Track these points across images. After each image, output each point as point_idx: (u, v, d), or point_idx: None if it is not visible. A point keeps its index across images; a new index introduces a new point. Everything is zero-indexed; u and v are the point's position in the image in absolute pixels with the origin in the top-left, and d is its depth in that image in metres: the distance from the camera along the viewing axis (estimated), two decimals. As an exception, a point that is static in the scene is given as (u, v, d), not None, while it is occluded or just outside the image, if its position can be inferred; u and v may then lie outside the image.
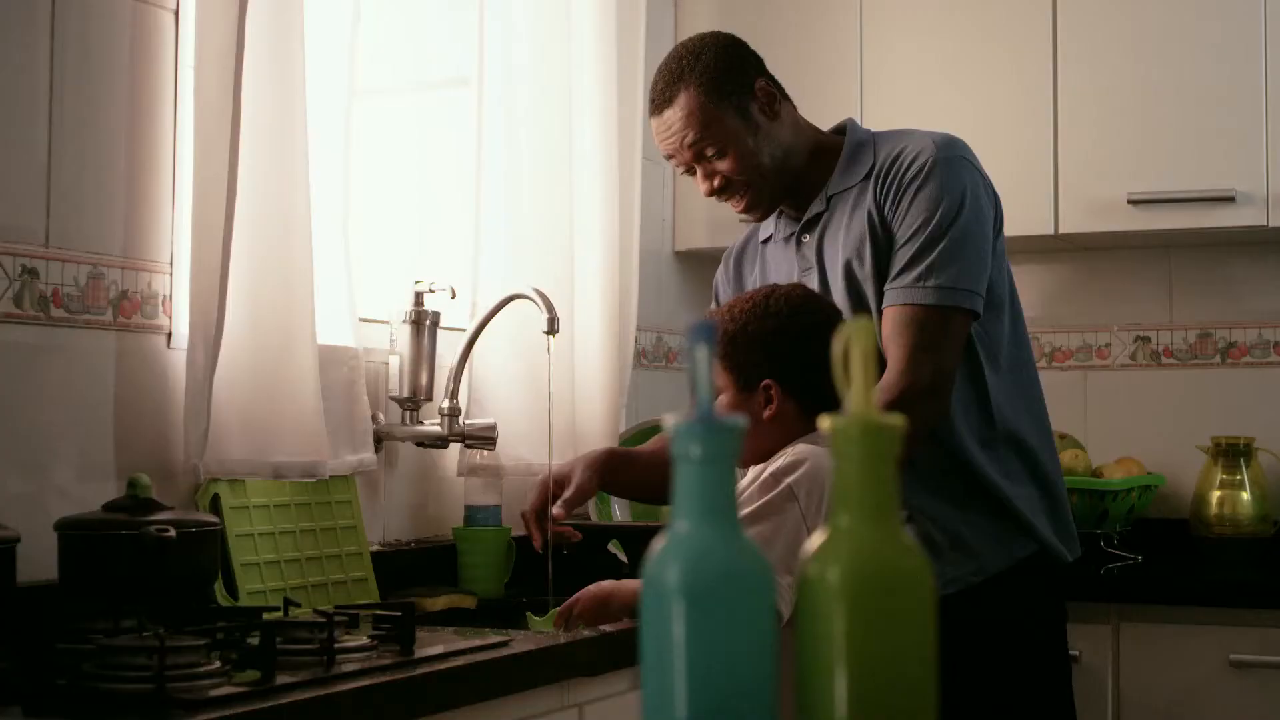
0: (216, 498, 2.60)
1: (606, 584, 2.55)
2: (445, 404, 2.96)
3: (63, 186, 2.40)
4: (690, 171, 2.86)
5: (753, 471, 2.54)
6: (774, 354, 2.50)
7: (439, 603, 2.91)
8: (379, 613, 2.20)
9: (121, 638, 1.90)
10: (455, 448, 3.12)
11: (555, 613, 2.58)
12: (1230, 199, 3.49)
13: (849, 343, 0.92)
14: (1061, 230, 3.63)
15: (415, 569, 3.05)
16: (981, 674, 2.75)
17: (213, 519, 2.23)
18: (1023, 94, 3.70)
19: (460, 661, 2.09)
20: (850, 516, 0.93)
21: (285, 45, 2.60)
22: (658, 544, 0.90)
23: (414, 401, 2.97)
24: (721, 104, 2.79)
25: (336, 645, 2.02)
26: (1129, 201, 3.57)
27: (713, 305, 3.06)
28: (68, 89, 2.41)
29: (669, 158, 2.85)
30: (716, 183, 2.82)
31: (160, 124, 2.57)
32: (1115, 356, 3.96)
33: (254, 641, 2.02)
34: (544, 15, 3.32)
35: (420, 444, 3.00)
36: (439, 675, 2.02)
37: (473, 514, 3.16)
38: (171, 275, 2.58)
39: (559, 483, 2.76)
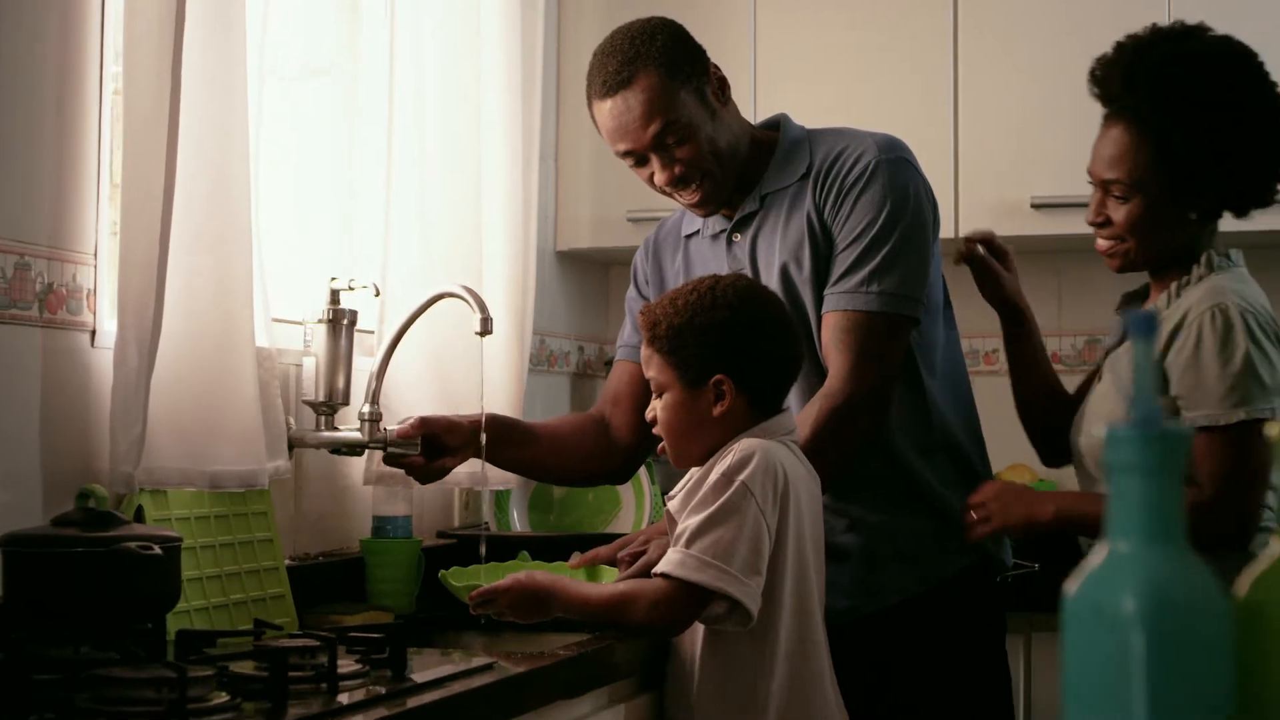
0: (140, 509, 2.40)
1: (541, 578, 2.42)
2: (366, 409, 2.78)
3: (-10, 169, 2.19)
4: (641, 162, 2.71)
5: (694, 474, 2.43)
6: (726, 347, 2.39)
7: (357, 619, 2.73)
8: (368, 635, 2.03)
9: (117, 668, 1.70)
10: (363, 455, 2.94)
11: (473, 584, 2.45)
12: (1136, 205, 3.47)
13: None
14: (963, 234, 3.58)
15: (325, 584, 2.86)
16: (925, 684, 2.70)
17: (176, 535, 2.03)
18: (922, 94, 3.65)
19: (460, 687, 1.95)
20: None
21: (225, 24, 2.41)
22: (1090, 564, 0.79)
23: (330, 406, 2.79)
24: (682, 86, 2.67)
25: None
26: (1033, 206, 3.54)
27: (632, 288, 2.95)
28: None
29: (619, 146, 2.70)
30: (677, 171, 2.69)
31: (86, 108, 2.36)
32: (1002, 363, 3.91)
33: (238, 669, 1.85)
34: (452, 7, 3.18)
35: (336, 451, 2.82)
36: (448, 701, 1.88)
37: (381, 525, 2.98)
38: (95, 268, 2.37)
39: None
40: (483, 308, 2.71)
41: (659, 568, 2.33)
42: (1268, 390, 2.43)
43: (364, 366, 2.87)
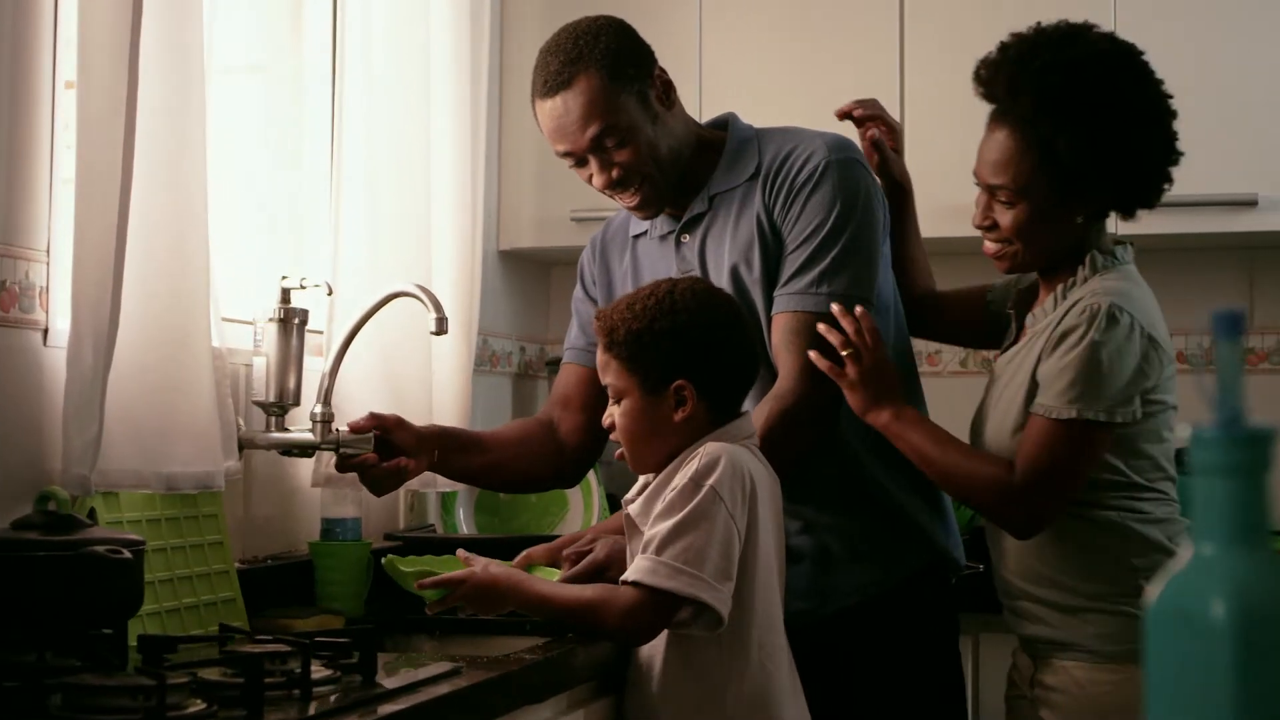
0: (93, 511, 2.34)
1: (497, 571, 2.37)
2: (318, 409, 2.73)
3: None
4: (580, 163, 2.69)
5: (650, 480, 2.41)
6: (687, 353, 2.37)
7: (310, 624, 2.68)
8: (335, 639, 1.99)
9: (89, 675, 1.66)
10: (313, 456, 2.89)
11: (423, 570, 2.40)
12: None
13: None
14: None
15: (274, 587, 2.82)
16: (881, 687, 2.70)
17: (139, 538, 1.98)
18: (868, 95, 3.63)
19: (433, 692, 1.92)
20: None
21: (182, 16, 2.37)
22: (1175, 567, 0.77)
23: (281, 406, 2.74)
24: (624, 89, 2.64)
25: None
26: (979, 207, 3.53)
27: (578, 289, 2.91)
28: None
29: (558, 147, 2.67)
30: (615, 174, 2.66)
31: (38, 101, 2.30)
32: (945, 364, 3.94)
33: (206, 675, 1.80)
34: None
35: (287, 452, 2.77)
36: (424, 707, 1.85)
37: (330, 527, 2.94)
38: (49, 265, 2.31)
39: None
40: (438, 307, 2.67)
41: (629, 575, 2.30)
42: (1107, 394, 2.43)
43: (311, 367, 2.83)
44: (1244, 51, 3.58)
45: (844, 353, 2.57)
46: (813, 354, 2.58)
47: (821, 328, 2.59)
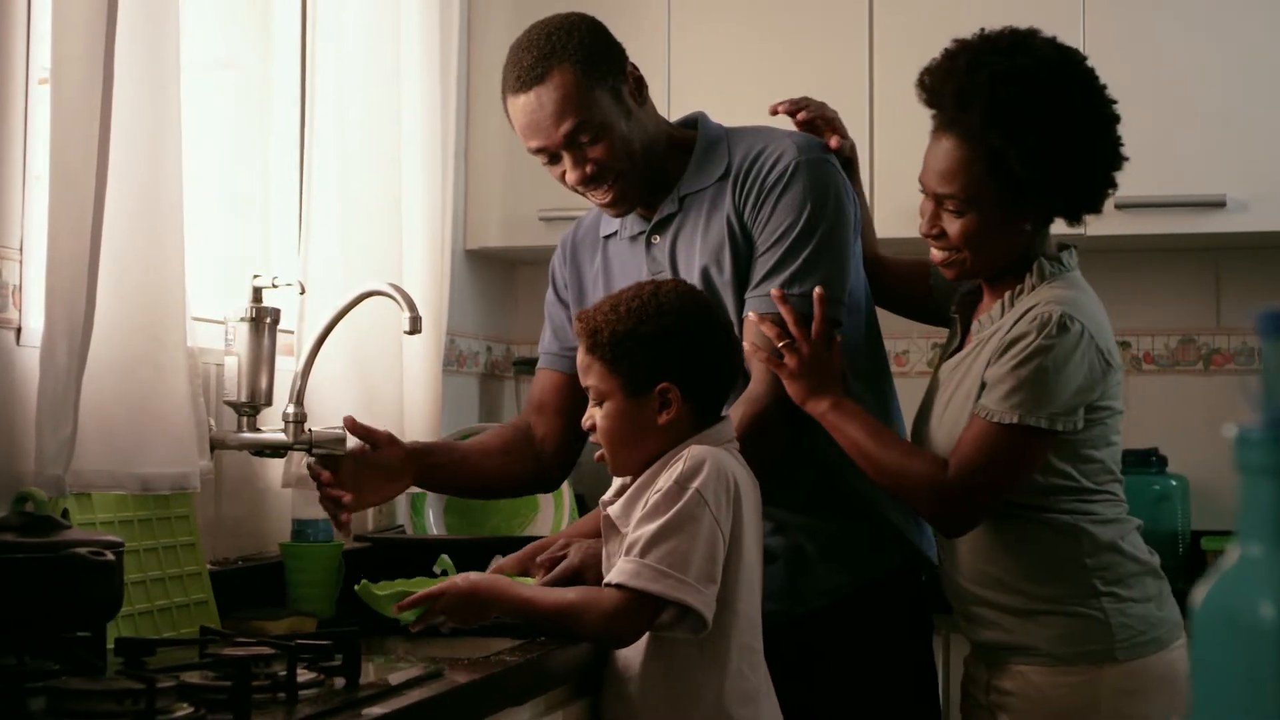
0: (65, 512, 2.31)
1: (477, 580, 2.36)
2: (290, 409, 2.71)
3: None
4: (553, 160, 2.67)
5: (628, 481, 2.40)
6: (672, 355, 2.36)
7: (282, 625, 2.66)
8: (316, 642, 1.97)
9: (74, 679, 1.63)
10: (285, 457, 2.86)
11: (399, 592, 2.39)
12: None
13: None
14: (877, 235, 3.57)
15: (245, 588, 2.79)
16: (854, 686, 2.70)
17: (118, 539, 1.96)
18: (837, 93, 3.60)
19: (418, 695, 1.90)
20: None
21: (160, 12, 2.35)
22: (1221, 567, 0.76)
23: (253, 406, 2.72)
24: (598, 84, 2.62)
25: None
26: (948, 208, 3.54)
27: (550, 292, 2.90)
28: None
29: (531, 143, 2.66)
30: (589, 170, 2.64)
31: (11, 97, 2.27)
32: (913, 364, 3.94)
33: (188, 679, 1.78)
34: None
35: (258, 453, 2.75)
36: (414, 708, 1.83)
37: (301, 528, 2.91)
38: (21, 263, 2.28)
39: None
40: (411, 306, 2.66)
41: (613, 578, 2.28)
42: (1051, 402, 2.42)
43: (283, 366, 2.81)
44: (1212, 53, 3.59)
45: (780, 344, 2.56)
46: (748, 345, 2.58)
47: (752, 316, 2.59)
